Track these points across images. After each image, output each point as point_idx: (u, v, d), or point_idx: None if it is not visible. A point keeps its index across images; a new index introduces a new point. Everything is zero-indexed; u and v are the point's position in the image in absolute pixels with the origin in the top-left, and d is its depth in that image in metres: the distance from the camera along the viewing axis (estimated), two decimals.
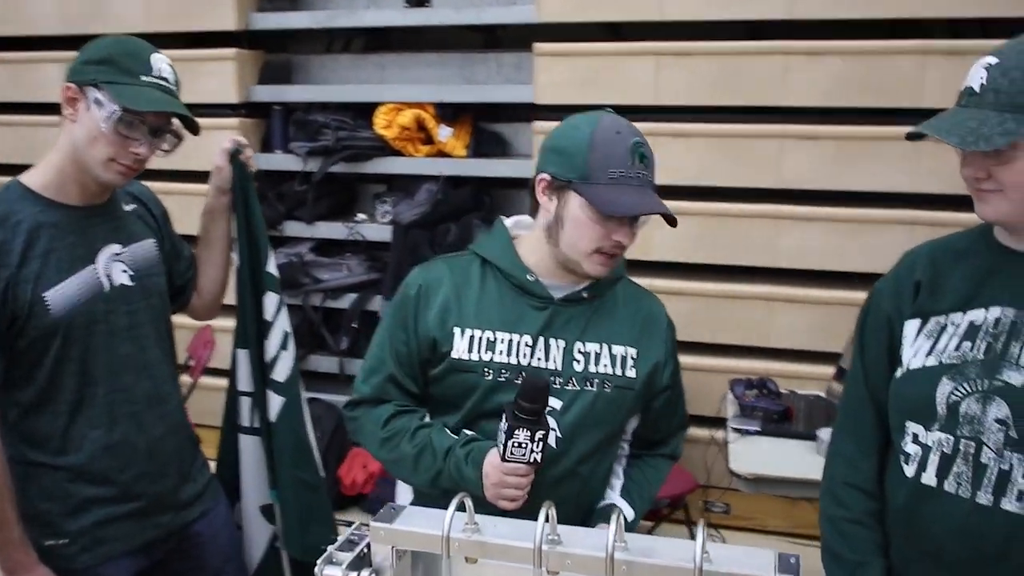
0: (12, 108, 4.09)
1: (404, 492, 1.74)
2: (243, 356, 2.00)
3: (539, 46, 3.42)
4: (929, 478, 1.33)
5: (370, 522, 1.18)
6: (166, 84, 1.65)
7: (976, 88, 1.25)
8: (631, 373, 1.60)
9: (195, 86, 2.00)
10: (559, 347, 1.57)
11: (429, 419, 1.64)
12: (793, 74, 3.14)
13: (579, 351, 1.58)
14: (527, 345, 1.56)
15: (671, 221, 1.52)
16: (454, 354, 1.57)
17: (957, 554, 1.31)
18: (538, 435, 1.41)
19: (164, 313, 1.85)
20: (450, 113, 3.68)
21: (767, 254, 3.27)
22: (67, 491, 1.69)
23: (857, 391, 1.49)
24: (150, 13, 3.82)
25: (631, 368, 1.60)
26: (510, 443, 1.41)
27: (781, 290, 3.27)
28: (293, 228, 3.84)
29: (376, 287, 3.75)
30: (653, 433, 1.73)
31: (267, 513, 2.05)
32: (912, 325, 1.40)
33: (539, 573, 1.09)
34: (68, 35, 3.77)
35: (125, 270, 1.73)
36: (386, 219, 3.74)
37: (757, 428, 2.69)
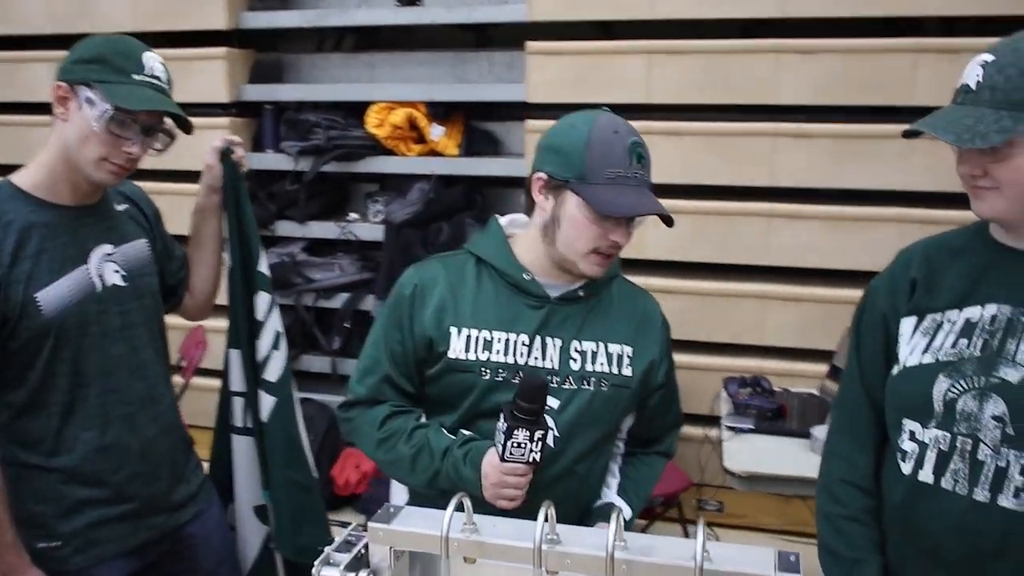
0: (2, 108, 4.07)
1: (399, 492, 1.73)
2: (235, 356, 1.99)
3: (531, 45, 3.42)
4: (926, 475, 1.33)
5: (368, 522, 1.17)
6: (158, 83, 1.64)
7: (972, 85, 1.25)
8: (627, 371, 1.60)
9: (185, 85, 1.99)
10: (556, 346, 1.57)
11: (425, 419, 1.63)
12: (785, 72, 3.15)
13: (576, 350, 1.57)
14: (524, 344, 1.56)
15: (668, 222, 1.52)
16: (451, 354, 1.56)
17: (954, 551, 1.31)
18: (537, 435, 1.40)
19: (157, 313, 1.84)
20: (442, 112, 3.68)
21: (760, 252, 3.27)
22: (60, 493, 1.67)
23: (853, 389, 1.49)
24: (137, 12, 3.80)
25: (627, 366, 1.60)
26: (509, 443, 1.40)
27: (774, 288, 3.27)
28: (285, 228, 3.83)
29: (368, 287, 3.75)
30: (648, 431, 1.73)
31: (261, 514, 2.03)
32: (908, 323, 1.40)
33: (539, 573, 1.08)
34: (55, 34, 3.75)
35: (117, 270, 1.72)
36: (378, 218, 3.73)
37: (751, 426, 2.69)
